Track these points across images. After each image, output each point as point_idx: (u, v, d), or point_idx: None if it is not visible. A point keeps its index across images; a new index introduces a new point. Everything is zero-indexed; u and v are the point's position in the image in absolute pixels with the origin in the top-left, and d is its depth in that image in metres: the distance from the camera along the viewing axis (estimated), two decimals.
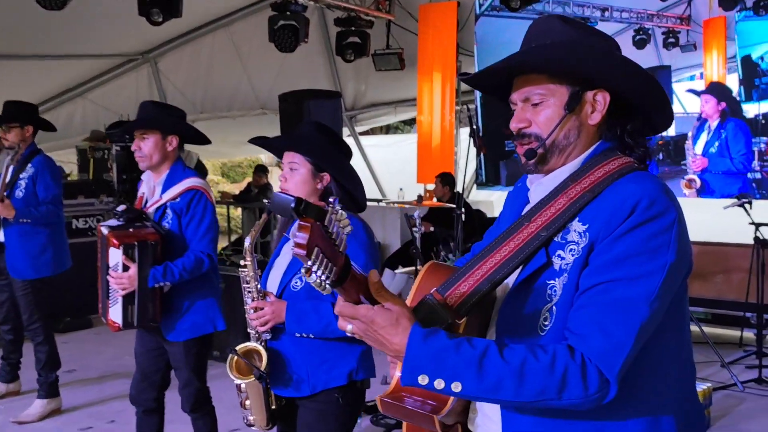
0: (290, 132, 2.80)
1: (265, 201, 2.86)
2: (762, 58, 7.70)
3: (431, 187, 9.87)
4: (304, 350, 2.64)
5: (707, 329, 6.69)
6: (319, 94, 8.63)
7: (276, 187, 10.01)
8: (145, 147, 3.60)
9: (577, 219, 1.57)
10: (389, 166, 12.64)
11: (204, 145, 3.88)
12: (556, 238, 1.58)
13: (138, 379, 3.87)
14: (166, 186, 3.65)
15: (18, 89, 10.04)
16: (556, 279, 1.56)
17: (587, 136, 1.67)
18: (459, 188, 9.25)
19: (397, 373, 1.55)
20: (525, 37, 1.69)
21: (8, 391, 5.59)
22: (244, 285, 2.70)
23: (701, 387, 4.85)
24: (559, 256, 1.57)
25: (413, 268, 7.08)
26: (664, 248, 1.48)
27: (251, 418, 2.70)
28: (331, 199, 1.36)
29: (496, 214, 9.92)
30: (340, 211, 1.34)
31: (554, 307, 1.54)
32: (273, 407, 2.67)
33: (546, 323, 1.55)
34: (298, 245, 1.30)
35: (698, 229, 4.24)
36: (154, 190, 3.70)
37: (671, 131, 7.87)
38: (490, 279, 1.58)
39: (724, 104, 7.91)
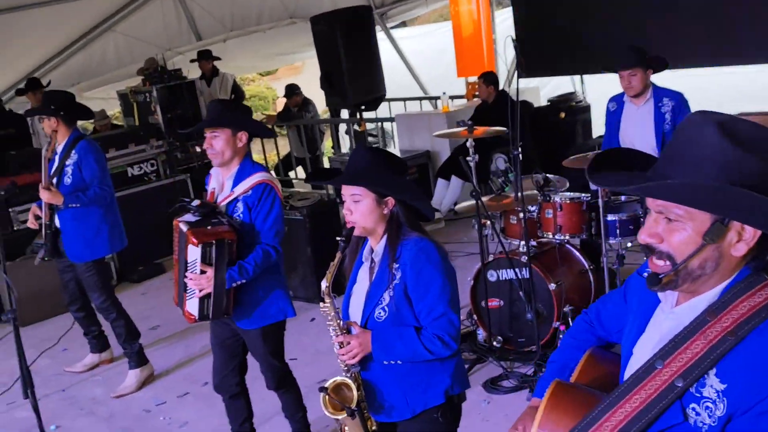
0: (347, 166, 2.78)
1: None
2: None
3: (473, 79, 9.71)
4: (396, 376, 2.71)
5: None
6: (349, 14, 8.41)
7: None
8: (217, 144, 3.70)
9: (714, 372, 1.43)
10: (424, 57, 12.34)
11: (269, 138, 3.94)
12: (691, 389, 1.46)
13: (218, 367, 4.07)
14: (237, 180, 3.76)
15: (48, 34, 10.01)
16: None
17: (729, 266, 1.48)
18: (501, 81, 9.08)
19: None
20: (676, 138, 1.46)
21: (101, 360, 5.90)
22: (328, 323, 2.78)
23: None
24: (694, 410, 1.46)
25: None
26: None
27: None
28: None
29: (542, 102, 9.74)
30: None
31: None
32: (373, 428, 2.80)
33: None
34: None
35: None
36: (223, 185, 3.81)
37: None
38: None
39: None
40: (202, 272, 3.59)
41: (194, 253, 3.58)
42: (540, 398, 1.90)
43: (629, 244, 5.25)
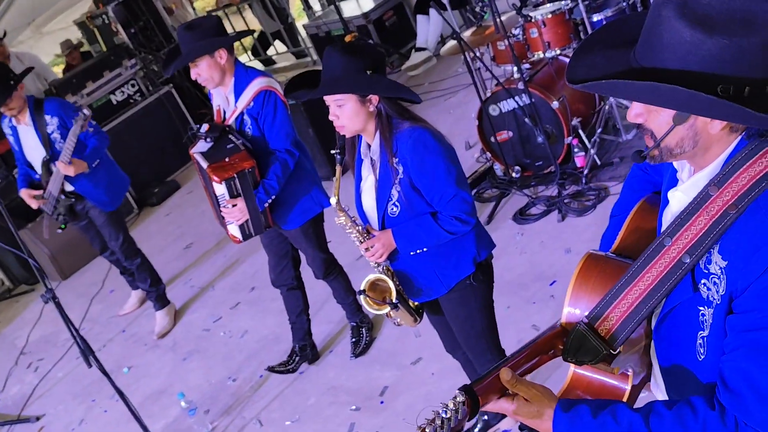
0: (323, 73, 2.71)
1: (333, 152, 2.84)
2: None
3: None
4: (425, 260, 2.77)
5: None
6: None
7: None
8: (202, 71, 3.66)
9: (717, 248, 1.44)
10: None
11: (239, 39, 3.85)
12: (699, 264, 1.48)
13: (273, 264, 4.23)
14: (237, 92, 3.73)
15: None
16: (705, 308, 1.48)
17: (714, 139, 1.46)
18: None
19: None
20: (648, 18, 1.41)
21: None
22: (347, 232, 2.81)
23: None
24: (705, 285, 1.47)
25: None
26: None
27: (398, 321, 2.93)
28: None
29: None
30: None
31: (707, 339, 1.49)
32: (414, 305, 2.90)
33: (702, 351, 1.51)
34: None
35: None
36: (228, 100, 3.80)
37: None
38: (637, 312, 1.55)
39: None
40: (234, 206, 3.66)
41: (220, 188, 3.65)
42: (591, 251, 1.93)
43: None
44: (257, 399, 4.38)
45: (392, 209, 2.70)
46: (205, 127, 3.81)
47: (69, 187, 5.00)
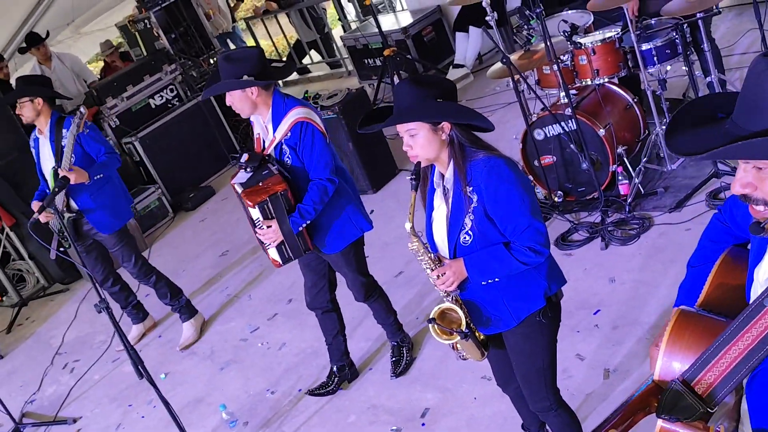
0: (395, 104, 2.74)
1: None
2: None
3: None
4: (496, 290, 2.78)
5: None
6: None
7: None
8: (235, 101, 3.73)
9: None
10: None
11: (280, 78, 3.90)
12: None
13: (309, 286, 4.26)
14: (275, 122, 3.78)
15: None
16: None
17: None
18: None
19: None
20: (747, 83, 1.45)
21: (146, 329, 5.99)
22: (419, 258, 2.82)
23: None
24: None
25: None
26: None
27: (465, 354, 2.94)
28: None
29: None
30: None
31: None
32: (481, 338, 2.91)
33: None
34: None
35: None
36: (267, 129, 3.85)
37: None
38: (736, 372, 1.58)
39: None
40: (268, 227, 3.72)
41: (255, 213, 3.73)
42: (682, 306, 1.95)
43: (668, 68, 5.14)
44: (296, 414, 4.42)
45: (465, 238, 2.72)
46: (245, 156, 3.86)
47: (74, 206, 5.09)
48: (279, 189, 3.68)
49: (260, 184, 3.71)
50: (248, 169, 3.80)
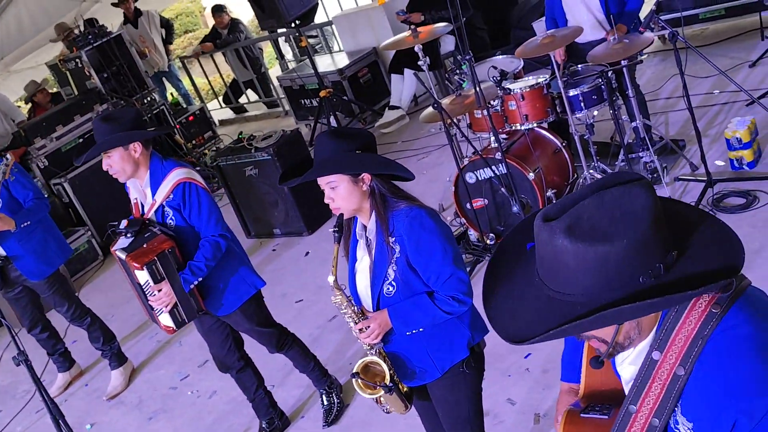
0: (314, 157, 2.75)
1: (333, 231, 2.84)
2: None
3: None
4: (420, 341, 2.76)
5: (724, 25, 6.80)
6: None
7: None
8: (114, 164, 3.62)
9: (680, 410, 1.51)
10: None
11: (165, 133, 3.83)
12: (670, 424, 1.55)
13: (215, 352, 4.19)
14: (153, 185, 3.69)
15: None
16: None
17: (650, 318, 1.56)
18: None
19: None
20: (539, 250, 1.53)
21: (73, 377, 5.83)
22: (342, 312, 2.80)
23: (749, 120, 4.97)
24: None
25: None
26: None
27: (389, 407, 2.91)
28: None
29: None
30: None
31: None
32: (405, 390, 2.88)
33: None
34: None
35: None
36: (145, 193, 3.75)
37: None
38: None
39: None
40: (159, 291, 3.61)
41: (143, 276, 3.60)
42: (567, 382, 2.01)
43: (595, 112, 5.25)
44: None
45: (388, 289, 2.71)
46: (124, 222, 3.75)
47: (1, 252, 4.94)
48: (166, 246, 3.58)
49: (145, 246, 3.60)
50: (128, 235, 3.68)
